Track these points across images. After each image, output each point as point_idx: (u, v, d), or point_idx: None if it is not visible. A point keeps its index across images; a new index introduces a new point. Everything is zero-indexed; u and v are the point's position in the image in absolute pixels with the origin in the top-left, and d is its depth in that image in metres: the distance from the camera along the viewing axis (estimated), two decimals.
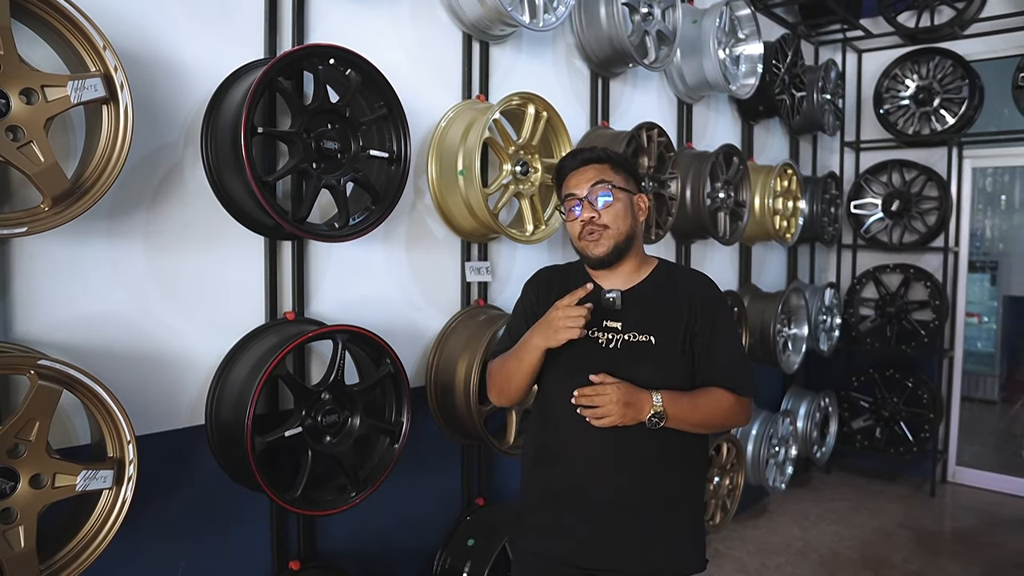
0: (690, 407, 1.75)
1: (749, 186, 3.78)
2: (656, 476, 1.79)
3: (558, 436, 1.82)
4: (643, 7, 3.08)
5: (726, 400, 1.80)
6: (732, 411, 1.81)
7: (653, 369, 1.76)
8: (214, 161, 1.97)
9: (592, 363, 1.75)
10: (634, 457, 1.76)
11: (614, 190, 1.79)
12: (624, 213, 1.80)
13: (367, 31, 2.36)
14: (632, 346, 1.77)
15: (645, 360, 1.76)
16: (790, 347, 4.45)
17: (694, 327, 1.79)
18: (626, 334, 1.78)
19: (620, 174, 1.83)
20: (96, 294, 1.81)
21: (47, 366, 1.49)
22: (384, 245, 2.45)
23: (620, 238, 1.79)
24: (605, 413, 1.69)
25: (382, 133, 2.16)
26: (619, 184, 1.81)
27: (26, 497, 1.50)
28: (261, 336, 2.10)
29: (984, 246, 5.59)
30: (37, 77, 1.50)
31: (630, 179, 1.85)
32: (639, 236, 1.86)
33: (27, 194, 1.64)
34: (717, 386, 1.80)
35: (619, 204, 1.80)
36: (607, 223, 1.78)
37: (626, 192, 1.82)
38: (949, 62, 5.01)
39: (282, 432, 1.95)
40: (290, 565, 2.21)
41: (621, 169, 1.84)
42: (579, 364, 1.76)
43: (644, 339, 1.77)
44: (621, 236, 1.79)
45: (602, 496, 1.78)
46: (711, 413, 1.78)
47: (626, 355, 1.77)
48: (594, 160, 1.83)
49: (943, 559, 4.04)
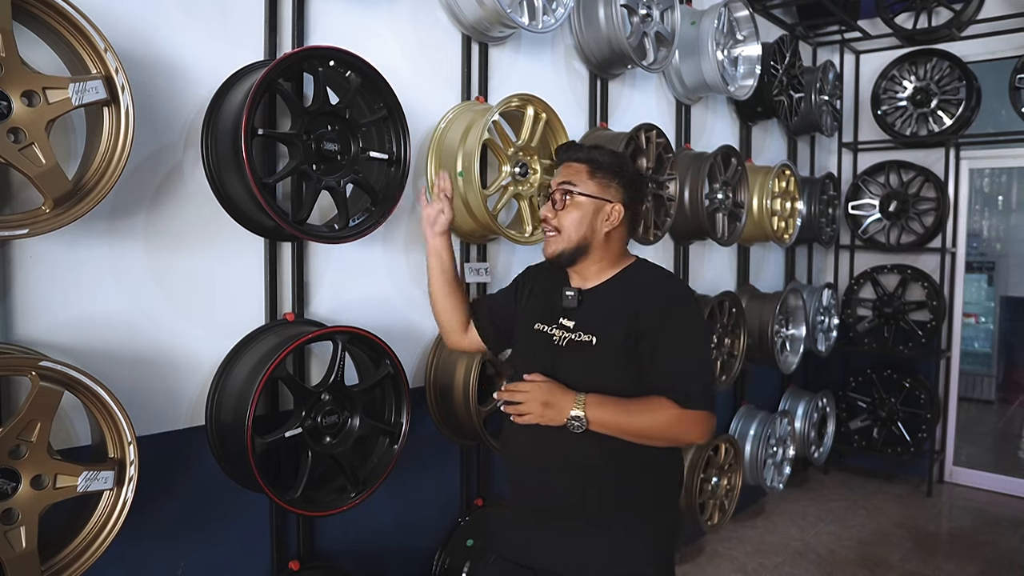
0: (620, 414, 1.66)
1: (747, 187, 3.79)
2: (595, 481, 1.74)
3: (511, 432, 1.86)
4: (642, 9, 3.08)
5: (668, 412, 1.66)
6: (676, 424, 1.66)
7: (591, 369, 1.73)
8: (214, 163, 1.97)
9: (541, 359, 1.79)
10: (572, 459, 1.73)
11: (575, 196, 1.76)
12: (580, 222, 1.76)
13: (367, 33, 2.37)
14: (575, 345, 1.76)
15: (584, 359, 1.74)
16: (788, 347, 4.46)
17: (640, 328, 1.70)
18: (573, 333, 1.77)
19: (595, 180, 1.78)
20: (97, 295, 1.81)
21: (48, 367, 1.50)
22: (383, 246, 2.45)
23: (569, 245, 1.77)
24: (525, 411, 1.69)
25: (382, 135, 2.17)
26: (587, 191, 1.77)
27: (28, 498, 1.50)
28: (261, 337, 2.10)
29: (981, 247, 5.61)
30: (38, 79, 1.50)
31: (608, 187, 1.78)
32: (601, 244, 1.79)
33: (28, 196, 1.65)
34: (662, 395, 1.68)
35: (575, 212, 1.76)
36: (559, 226, 1.78)
37: (593, 200, 1.77)
38: (947, 63, 5.02)
39: (282, 433, 1.96)
40: (289, 565, 2.22)
41: (600, 175, 1.78)
42: (531, 360, 1.82)
43: (586, 339, 1.74)
44: (571, 243, 1.77)
45: (542, 495, 1.79)
46: (648, 424, 1.67)
47: (569, 353, 1.76)
48: (575, 159, 1.81)
49: (940, 559, 4.06)
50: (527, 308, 1.93)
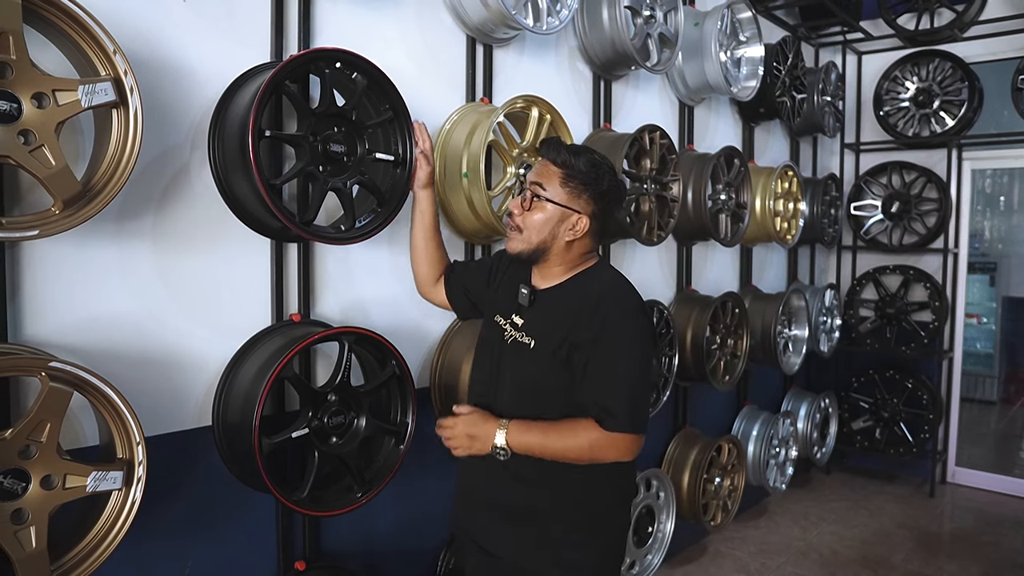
0: (540, 438, 1.68)
1: (750, 188, 3.79)
2: (522, 481, 1.77)
3: None
4: (645, 10, 3.09)
5: (587, 435, 1.66)
6: (594, 447, 1.66)
7: (527, 371, 1.76)
8: (221, 164, 1.98)
9: (490, 353, 1.86)
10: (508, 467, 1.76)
11: (541, 201, 1.74)
12: (542, 225, 1.74)
13: (372, 34, 2.37)
14: (517, 345, 1.79)
15: (521, 361, 1.77)
16: (790, 348, 4.47)
17: (576, 339, 1.68)
18: (518, 332, 1.80)
19: (567, 188, 1.74)
20: (105, 296, 1.82)
21: (58, 368, 1.51)
22: (389, 247, 2.46)
23: (528, 246, 1.77)
24: (453, 445, 1.77)
25: (388, 136, 2.18)
26: (554, 197, 1.74)
27: (37, 498, 1.51)
28: (267, 338, 2.11)
29: (983, 247, 5.61)
30: (48, 81, 1.51)
31: (579, 197, 1.74)
32: (561, 250, 1.78)
33: (38, 197, 1.66)
34: (587, 412, 1.69)
35: (540, 215, 1.75)
36: (520, 225, 1.77)
37: (559, 207, 1.74)
38: (949, 64, 5.03)
39: (289, 433, 1.96)
40: (296, 565, 2.22)
41: (573, 184, 1.74)
42: (483, 353, 1.91)
43: (526, 341, 1.76)
44: (530, 244, 1.76)
45: (471, 478, 1.89)
46: (566, 447, 1.67)
47: (511, 353, 1.80)
48: (553, 161, 1.77)
49: (942, 559, 4.06)
50: (496, 295, 1.97)
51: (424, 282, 2.19)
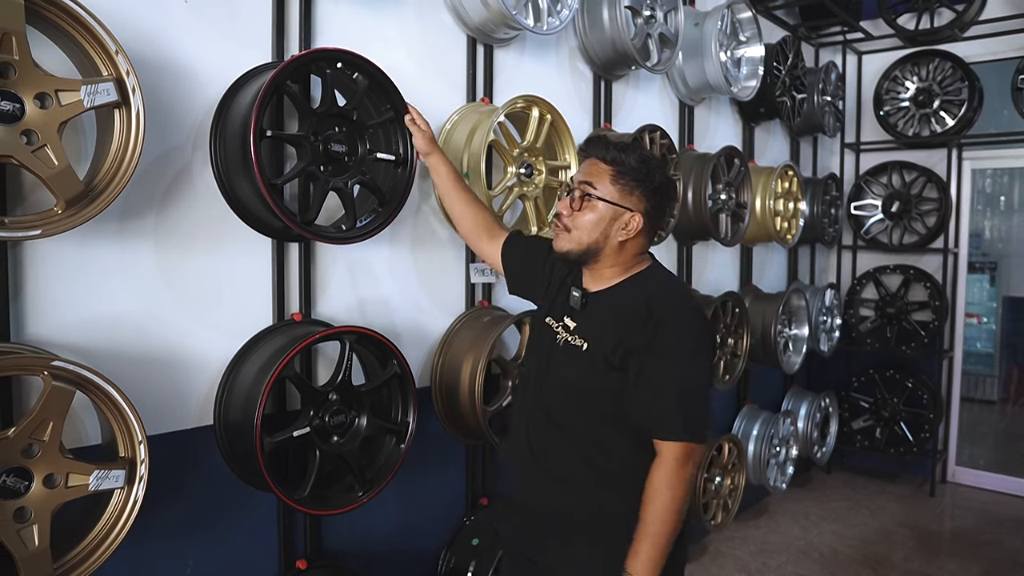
0: (655, 550, 1.59)
1: (750, 188, 3.80)
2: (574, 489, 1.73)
3: (511, 420, 1.92)
4: (645, 10, 3.10)
5: (662, 484, 1.60)
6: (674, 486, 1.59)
7: (579, 374, 1.71)
8: (223, 164, 1.99)
9: (541, 354, 1.82)
10: (553, 463, 1.74)
11: (592, 200, 1.70)
12: (594, 225, 1.70)
13: (373, 34, 2.38)
14: (569, 348, 1.74)
15: (574, 364, 1.72)
16: (791, 348, 4.47)
17: (630, 344, 1.64)
18: (571, 335, 1.75)
19: (618, 185, 1.69)
20: (107, 296, 1.82)
21: (60, 367, 1.51)
22: (390, 247, 2.46)
23: (578, 246, 1.72)
24: None
25: (388, 136, 2.18)
26: (606, 195, 1.69)
27: (40, 496, 1.51)
28: (269, 337, 2.12)
29: (983, 247, 5.61)
30: (51, 82, 1.52)
31: (631, 194, 1.70)
32: (614, 251, 1.73)
33: (40, 197, 1.66)
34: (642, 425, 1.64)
35: (592, 215, 1.70)
36: (570, 226, 1.72)
37: (611, 205, 1.69)
38: (949, 64, 5.03)
39: (290, 432, 1.97)
40: (297, 564, 2.23)
41: (624, 180, 1.69)
42: (532, 354, 1.87)
43: (579, 344, 1.72)
44: (580, 245, 1.72)
45: (524, 489, 1.84)
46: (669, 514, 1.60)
47: (562, 355, 1.75)
48: (601, 159, 1.72)
49: (943, 558, 4.06)
50: (546, 293, 1.93)
51: (473, 235, 2.12)
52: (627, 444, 1.70)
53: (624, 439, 1.70)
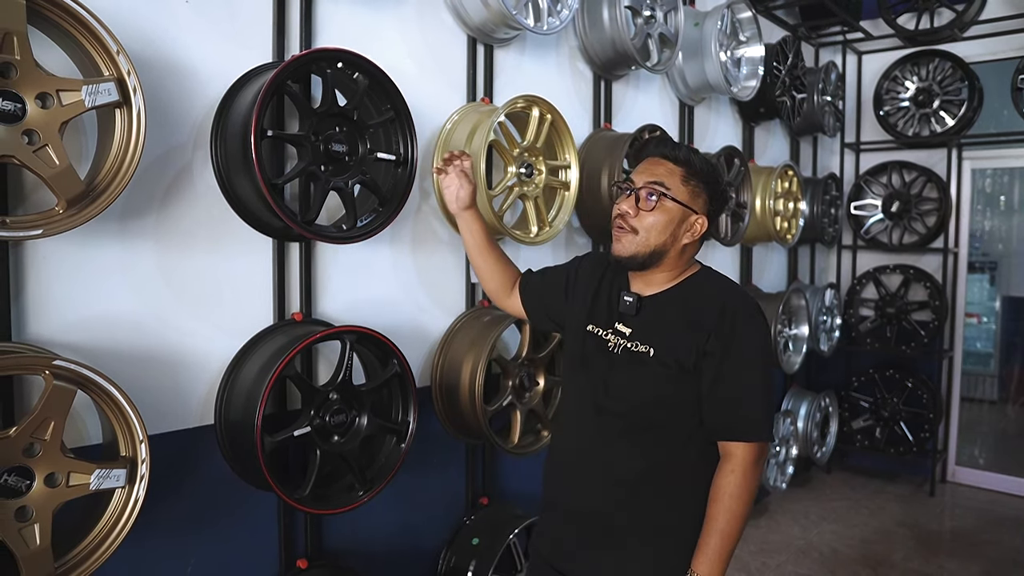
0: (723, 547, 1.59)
1: (750, 187, 3.80)
2: (634, 496, 1.66)
3: (559, 433, 1.83)
4: (645, 10, 3.10)
5: (735, 486, 1.59)
6: (750, 488, 1.59)
7: (645, 381, 1.65)
8: (223, 163, 1.99)
9: (595, 365, 1.72)
10: (613, 471, 1.67)
11: (664, 199, 1.64)
12: (663, 227, 1.64)
13: (373, 34, 2.38)
14: (631, 354, 1.67)
15: (639, 370, 1.65)
16: (791, 347, 4.47)
17: (705, 346, 1.61)
18: (630, 341, 1.68)
19: (688, 186, 1.65)
20: (108, 295, 1.83)
21: (62, 366, 1.52)
22: (390, 247, 2.47)
23: (645, 249, 1.65)
24: None
25: (389, 136, 2.19)
26: (677, 196, 1.64)
27: (41, 495, 1.52)
28: (269, 337, 2.12)
29: (983, 247, 5.61)
30: (52, 82, 1.52)
31: (698, 197, 1.67)
32: (676, 254, 1.68)
33: (42, 196, 1.67)
34: (717, 428, 1.63)
35: (661, 216, 1.64)
36: (637, 227, 1.65)
37: (681, 207, 1.65)
38: (949, 64, 5.03)
39: (291, 432, 1.97)
40: (297, 563, 2.23)
41: (694, 182, 1.66)
42: (584, 364, 1.75)
43: (643, 349, 1.65)
44: (647, 248, 1.65)
45: (578, 501, 1.73)
46: (740, 515, 1.60)
47: (624, 362, 1.68)
48: (672, 159, 1.67)
49: (942, 558, 4.07)
50: (580, 303, 1.83)
51: (497, 294, 2.02)
52: (693, 450, 1.67)
53: (691, 444, 1.67)
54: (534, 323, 2.04)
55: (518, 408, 2.65)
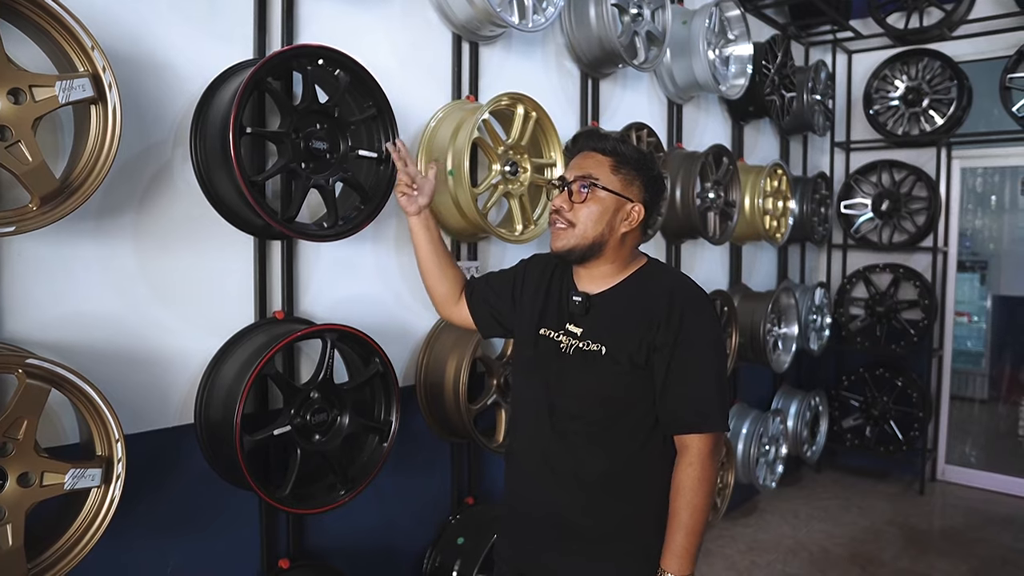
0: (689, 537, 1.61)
1: (739, 186, 3.80)
2: (597, 498, 1.67)
3: (516, 438, 1.82)
4: (633, 8, 3.09)
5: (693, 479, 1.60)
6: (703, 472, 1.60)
7: (599, 380, 1.65)
8: (203, 161, 1.98)
9: (547, 367, 1.71)
10: (575, 474, 1.67)
11: (596, 190, 1.65)
12: (598, 217, 1.65)
13: (357, 31, 2.37)
14: (583, 354, 1.66)
15: (592, 370, 1.65)
16: (780, 346, 4.47)
17: (654, 340, 1.61)
18: (581, 341, 1.67)
19: (619, 175, 1.67)
20: (85, 293, 1.81)
21: (35, 365, 1.50)
22: (373, 245, 2.46)
23: (584, 241, 1.66)
24: None
25: (371, 133, 2.17)
26: (609, 185, 1.66)
27: (14, 495, 1.50)
28: (250, 335, 2.11)
29: (974, 246, 5.62)
30: (25, 77, 1.50)
31: (631, 184, 1.68)
32: (616, 244, 1.69)
33: (15, 194, 1.65)
34: (671, 422, 1.63)
35: (595, 206, 1.66)
36: (573, 220, 1.66)
37: (614, 196, 1.66)
38: (938, 63, 5.05)
39: (271, 431, 1.96)
40: (279, 563, 2.22)
41: (625, 171, 1.68)
42: (536, 367, 1.74)
43: (595, 348, 1.65)
44: (585, 240, 1.66)
45: (538, 505, 1.73)
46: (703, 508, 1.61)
47: (576, 363, 1.67)
48: (599, 150, 1.69)
49: (932, 556, 4.07)
50: (528, 306, 1.82)
51: (442, 303, 1.98)
52: (652, 448, 1.67)
53: (650, 443, 1.67)
54: (483, 332, 1.98)
55: (503, 407, 2.64)
